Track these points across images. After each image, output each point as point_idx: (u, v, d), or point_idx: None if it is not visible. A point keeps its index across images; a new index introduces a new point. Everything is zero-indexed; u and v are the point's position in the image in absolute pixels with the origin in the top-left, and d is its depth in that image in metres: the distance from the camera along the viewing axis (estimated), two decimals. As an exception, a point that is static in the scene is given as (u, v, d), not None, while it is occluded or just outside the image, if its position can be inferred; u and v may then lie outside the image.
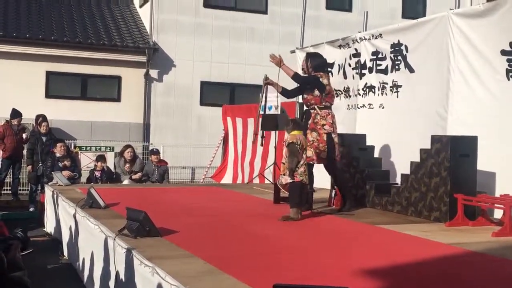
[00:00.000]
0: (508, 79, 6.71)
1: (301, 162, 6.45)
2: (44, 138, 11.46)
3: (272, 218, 6.56)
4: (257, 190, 9.65)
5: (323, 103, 7.08)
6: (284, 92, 7.46)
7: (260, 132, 9.04)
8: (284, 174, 6.53)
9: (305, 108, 7.46)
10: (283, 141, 7.70)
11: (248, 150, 12.41)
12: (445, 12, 7.59)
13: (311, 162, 6.93)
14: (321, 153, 6.99)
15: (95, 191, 7.10)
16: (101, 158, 11.18)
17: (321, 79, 7.07)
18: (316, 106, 7.06)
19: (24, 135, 11.71)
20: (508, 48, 6.68)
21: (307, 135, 6.98)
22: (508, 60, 6.70)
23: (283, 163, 6.60)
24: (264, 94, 8.20)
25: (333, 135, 7.08)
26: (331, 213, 7.12)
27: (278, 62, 7.10)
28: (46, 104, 14.83)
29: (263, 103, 8.47)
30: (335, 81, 9.90)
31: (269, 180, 10.54)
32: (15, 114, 11.86)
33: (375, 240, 5.61)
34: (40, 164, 11.05)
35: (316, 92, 7.04)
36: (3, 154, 11.70)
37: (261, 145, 9.30)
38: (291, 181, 6.43)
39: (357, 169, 7.87)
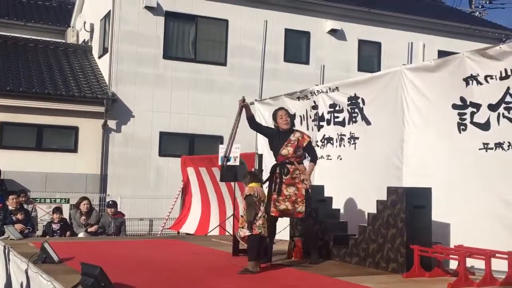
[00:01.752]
0: (460, 132, 6.92)
1: (259, 215, 6.43)
2: None
3: (232, 271, 6.48)
4: (215, 242, 9.54)
5: (302, 158, 7.24)
6: (251, 120, 7.40)
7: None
8: (242, 227, 6.50)
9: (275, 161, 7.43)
10: (241, 194, 7.69)
11: (225, 196, 12.22)
12: (398, 67, 7.85)
13: (288, 217, 7.12)
14: (299, 207, 7.05)
15: (48, 245, 6.89)
16: (58, 210, 10.92)
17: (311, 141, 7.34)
18: (295, 162, 7.14)
19: None
20: (458, 102, 6.92)
21: (282, 190, 7.03)
22: (459, 114, 6.93)
23: (242, 216, 6.58)
24: (239, 117, 7.85)
25: (309, 190, 7.20)
26: (290, 265, 7.08)
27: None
28: (0, 155, 14.51)
29: (237, 126, 8.07)
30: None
31: (228, 232, 10.46)
32: None
33: (334, 293, 5.58)
34: None
35: (300, 153, 7.17)
36: None
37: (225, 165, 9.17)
38: (250, 234, 6.40)
39: (315, 220, 7.88)
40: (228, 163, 10.58)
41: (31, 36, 19.04)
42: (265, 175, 9.85)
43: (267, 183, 7.20)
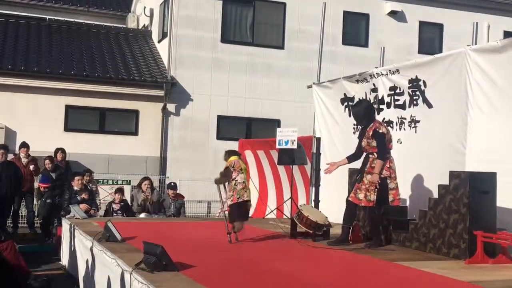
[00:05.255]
0: (528, 115, 6.67)
1: (239, 180, 7.33)
2: (53, 175, 11.52)
3: (288, 253, 6.51)
4: (273, 225, 9.58)
5: None
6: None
7: None
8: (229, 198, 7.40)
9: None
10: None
11: (283, 179, 12.26)
12: (462, 48, 7.60)
13: (361, 204, 7.16)
14: (370, 195, 7.09)
15: (112, 225, 7.12)
16: (120, 191, 11.21)
17: (380, 131, 7.22)
18: (374, 152, 7.18)
19: (31, 167, 11.76)
20: (526, 84, 6.67)
21: (363, 178, 7.13)
22: (527, 96, 6.68)
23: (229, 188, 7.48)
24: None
25: (388, 180, 7.20)
26: (349, 249, 7.05)
27: (334, 167, 7.49)
28: (65, 138, 14.99)
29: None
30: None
31: (285, 215, 10.50)
32: (21, 145, 12.06)
33: (393, 277, 5.53)
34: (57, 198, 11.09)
35: (374, 144, 7.17)
36: None
37: None
38: (232, 203, 7.35)
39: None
40: (286, 146, 10.58)
41: (93, 21, 19.47)
42: (323, 159, 9.84)
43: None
